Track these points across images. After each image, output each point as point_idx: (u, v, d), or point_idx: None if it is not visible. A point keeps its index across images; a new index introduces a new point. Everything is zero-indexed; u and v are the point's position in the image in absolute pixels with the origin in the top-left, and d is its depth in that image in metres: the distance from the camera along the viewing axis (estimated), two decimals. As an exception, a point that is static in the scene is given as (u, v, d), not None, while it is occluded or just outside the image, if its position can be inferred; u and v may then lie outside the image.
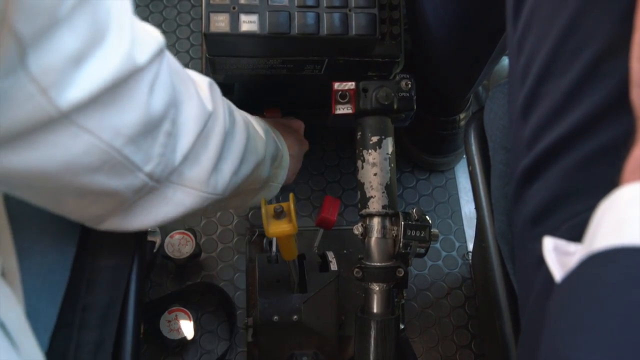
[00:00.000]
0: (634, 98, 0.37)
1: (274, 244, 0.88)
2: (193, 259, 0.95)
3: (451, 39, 0.81)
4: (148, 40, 0.43)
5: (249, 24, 0.70)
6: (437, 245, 1.04)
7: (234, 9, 0.69)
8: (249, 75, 0.79)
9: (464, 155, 1.02)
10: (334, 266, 0.87)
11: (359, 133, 0.77)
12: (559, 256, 0.37)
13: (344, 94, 0.76)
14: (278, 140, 0.76)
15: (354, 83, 0.76)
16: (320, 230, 0.87)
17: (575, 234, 0.39)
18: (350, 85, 0.76)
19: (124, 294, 0.59)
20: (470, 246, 1.03)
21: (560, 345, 0.32)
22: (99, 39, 0.38)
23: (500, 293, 0.62)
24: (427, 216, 0.74)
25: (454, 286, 1.01)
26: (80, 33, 0.36)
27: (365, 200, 0.75)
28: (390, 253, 0.73)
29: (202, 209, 0.57)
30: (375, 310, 0.73)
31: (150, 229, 0.88)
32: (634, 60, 0.36)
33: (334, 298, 0.84)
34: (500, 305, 0.62)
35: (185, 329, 0.90)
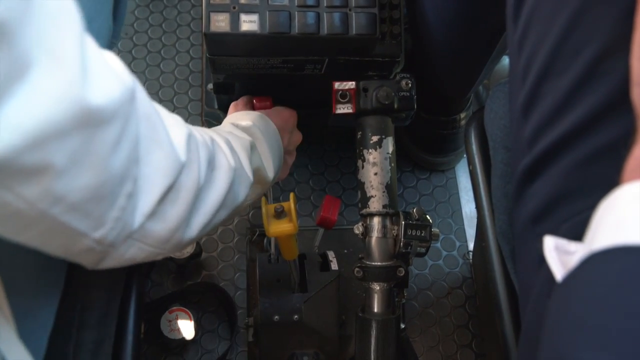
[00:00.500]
0: (634, 97, 0.37)
1: (274, 244, 0.88)
2: (194, 258, 0.95)
3: (452, 39, 0.81)
4: (110, 79, 0.35)
5: (249, 23, 0.70)
6: (438, 244, 1.03)
7: (234, 8, 0.69)
8: (249, 75, 0.79)
9: (465, 155, 1.02)
10: (334, 266, 0.87)
11: (360, 132, 0.77)
12: (560, 255, 0.37)
13: (344, 94, 0.76)
14: (263, 155, 0.67)
15: (354, 82, 0.76)
16: (321, 230, 0.87)
17: (576, 233, 0.39)
18: (351, 84, 0.76)
19: (124, 294, 0.59)
20: (470, 245, 1.03)
21: (560, 344, 0.32)
22: (17, 74, 0.29)
23: (500, 292, 0.62)
24: (428, 215, 0.74)
25: (454, 286, 1.01)
26: None
27: (366, 199, 0.75)
28: (391, 252, 0.73)
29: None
30: (375, 309, 0.73)
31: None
32: (634, 59, 0.36)
33: (334, 298, 0.84)
34: (500, 305, 0.62)
35: (185, 329, 0.90)
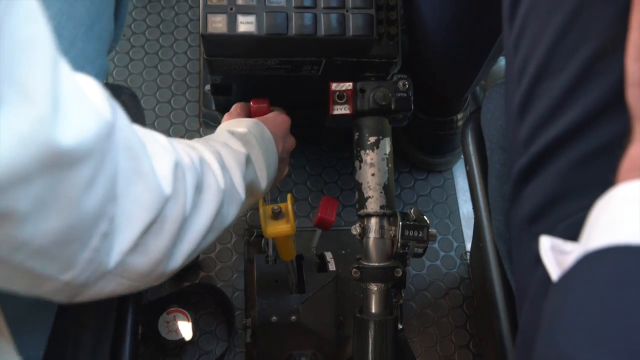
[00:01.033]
0: (629, 98, 0.37)
1: (271, 245, 0.88)
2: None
3: (448, 40, 0.81)
4: (85, 114, 0.32)
5: (246, 24, 0.70)
6: (435, 245, 1.04)
7: (231, 9, 0.70)
8: (247, 76, 0.79)
9: (462, 156, 1.02)
10: (332, 266, 0.87)
11: (357, 133, 0.77)
12: (556, 255, 0.37)
13: (341, 95, 0.76)
14: (257, 165, 0.63)
15: (351, 83, 0.76)
16: (319, 231, 0.87)
17: (572, 233, 0.40)
18: (348, 85, 0.76)
19: (122, 295, 0.58)
20: (468, 246, 1.03)
21: (556, 344, 0.33)
22: None
23: (497, 292, 0.62)
24: (425, 216, 0.74)
25: (452, 286, 1.01)
26: None
27: (363, 200, 0.75)
28: (388, 253, 0.73)
29: None
30: (373, 310, 0.73)
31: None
32: (629, 59, 0.37)
33: (332, 298, 0.84)
34: (497, 305, 0.62)
35: (183, 330, 0.90)
